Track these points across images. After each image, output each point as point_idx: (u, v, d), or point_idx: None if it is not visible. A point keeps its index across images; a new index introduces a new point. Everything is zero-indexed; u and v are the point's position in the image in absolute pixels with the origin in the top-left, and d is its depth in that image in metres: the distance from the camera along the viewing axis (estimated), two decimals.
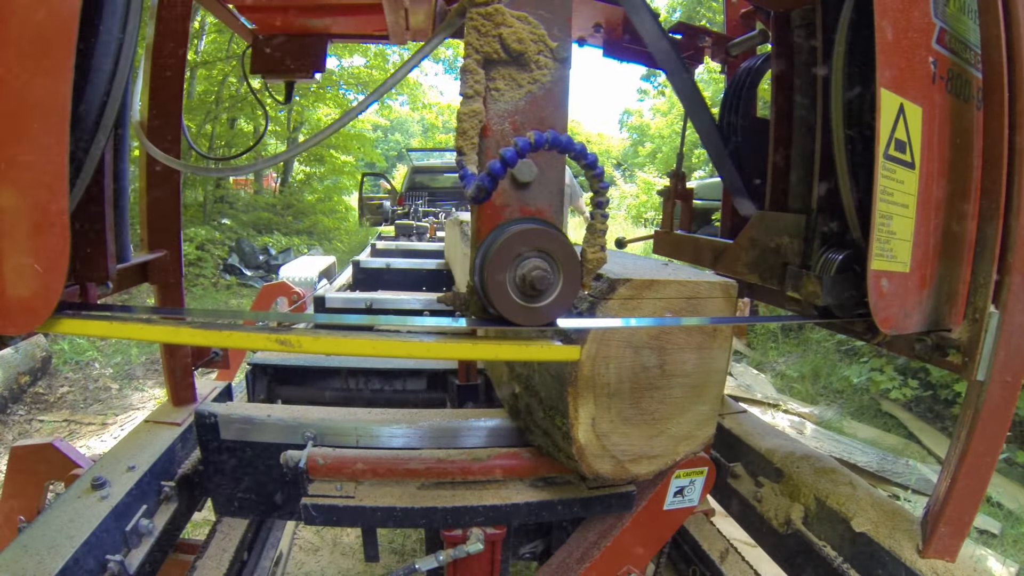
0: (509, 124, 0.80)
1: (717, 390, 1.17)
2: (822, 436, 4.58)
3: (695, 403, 1.15)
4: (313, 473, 1.20)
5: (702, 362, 1.13)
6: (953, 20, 0.94)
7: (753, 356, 6.86)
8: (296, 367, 2.01)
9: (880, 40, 0.84)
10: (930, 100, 0.92)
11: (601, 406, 1.07)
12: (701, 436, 1.19)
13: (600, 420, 1.07)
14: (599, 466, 1.09)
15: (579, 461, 1.08)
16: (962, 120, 0.96)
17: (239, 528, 1.52)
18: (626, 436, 1.10)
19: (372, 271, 3.60)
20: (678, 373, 1.11)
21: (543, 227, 0.79)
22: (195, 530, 2.82)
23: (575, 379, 1.03)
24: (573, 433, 1.06)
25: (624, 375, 1.07)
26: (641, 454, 1.13)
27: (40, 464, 1.51)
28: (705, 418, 1.18)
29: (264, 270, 11.07)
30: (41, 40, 0.61)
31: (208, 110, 13.38)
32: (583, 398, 1.05)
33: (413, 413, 1.40)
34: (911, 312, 0.97)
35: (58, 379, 5.94)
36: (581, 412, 1.05)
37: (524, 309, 0.79)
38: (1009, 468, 4.26)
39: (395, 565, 2.74)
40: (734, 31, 1.54)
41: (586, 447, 1.08)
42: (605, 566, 1.28)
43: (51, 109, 0.63)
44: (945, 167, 0.96)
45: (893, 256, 0.94)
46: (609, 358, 1.05)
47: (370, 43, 3.93)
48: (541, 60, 0.79)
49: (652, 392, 1.10)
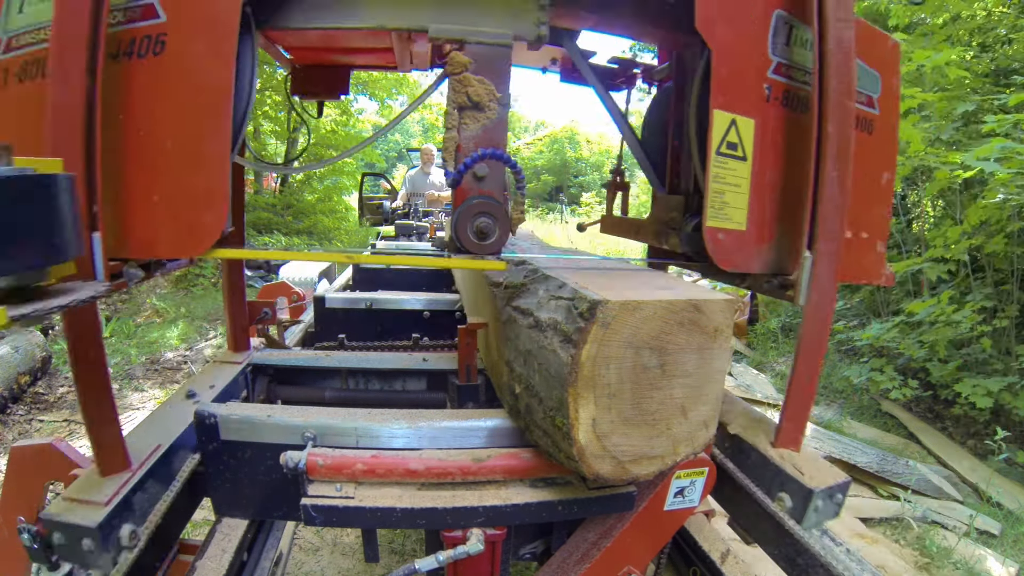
0: (472, 144, 1.32)
1: (717, 390, 1.17)
2: (822, 436, 4.58)
3: (696, 404, 1.15)
4: (313, 473, 1.20)
5: (703, 363, 1.13)
6: (793, 54, 1.34)
7: (753, 356, 6.86)
8: (296, 367, 2.00)
9: (715, 77, 1.26)
10: (763, 114, 1.32)
11: (601, 407, 1.06)
12: (702, 437, 1.19)
13: (600, 421, 1.07)
14: (599, 467, 1.09)
15: (579, 462, 1.08)
16: (796, 126, 1.34)
17: (239, 528, 1.52)
18: (626, 436, 1.10)
19: (372, 271, 3.60)
20: (679, 374, 1.11)
21: (489, 201, 1.32)
22: (195, 530, 2.82)
23: (575, 380, 1.03)
24: (573, 434, 1.06)
25: (625, 376, 1.07)
26: (641, 455, 1.13)
27: (40, 464, 1.51)
28: (706, 419, 1.18)
29: (264, 270, 11.06)
30: (214, 97, 1.14)
31: None
32: (583, 399, 1.05)
33: (413, 413, 1.40)
34: (750, 258, 1.36)
35: (58, 379, 5.94)
36: (581, 413, 1.05)
37: (478, 245, 1.32)
38: (1009, 468, 4.26)
39: (395, 565, 2.74)
40: (662, 61, 1.96)
41: (586, 448, 1.07)
42: (605, 566, 1.28)
43: (223, 128, 1.15)
44: (779, 159, 1.35)
45: (728, 218, 1.32)
46: (610, 359, 1.05)
47: (382, 71, 4.97)
48: (491, 105, 1.32)
49: (653, 393, 1.10)
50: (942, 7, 5.39)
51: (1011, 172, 3.81)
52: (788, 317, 7.50)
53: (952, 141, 4.91)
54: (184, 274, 10.04)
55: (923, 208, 6.68)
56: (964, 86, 5.17)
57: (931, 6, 5.40)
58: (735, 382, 5.78)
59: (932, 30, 5.59)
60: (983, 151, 3.79)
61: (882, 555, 3.17)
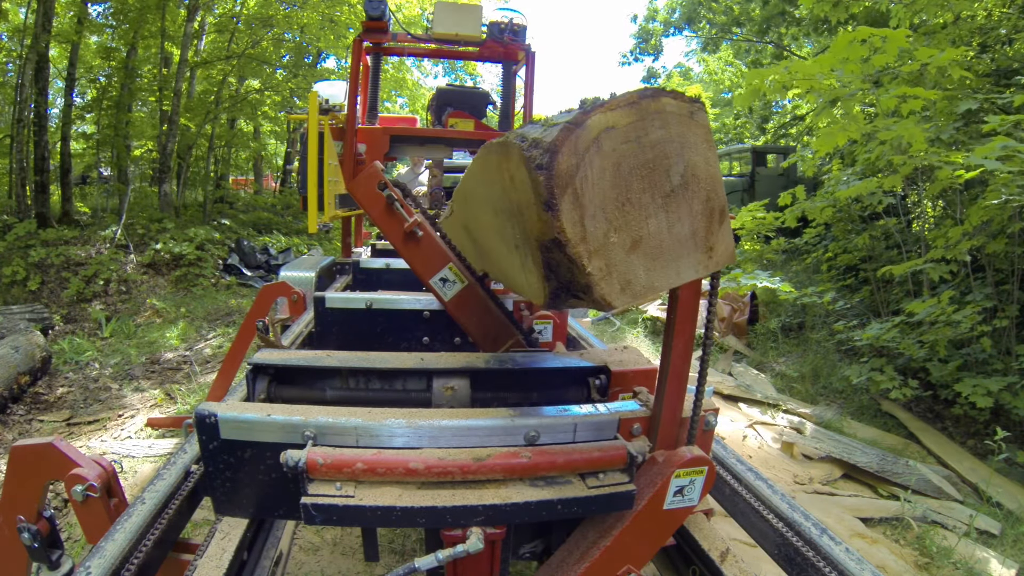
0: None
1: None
2: (822, 436, 4.58)
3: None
4: (313, 472, 1.20)
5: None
6: None
7: (753, 356, 6.85)
8: (296, 367, 2.00)
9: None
10: None
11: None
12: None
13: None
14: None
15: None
16: None
17: (239, 528, 1.52)
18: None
19: (372, 271, 3.60)
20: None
21: None
22: (195, 530, 2.82)
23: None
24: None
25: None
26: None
27: (40, 464, 1.51)
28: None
29: (264, 270, 11.07)
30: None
31: (208, 110, 13.38)
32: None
33: (413, 413, 1.40)
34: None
35: (58, 379, 5.94)
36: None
37: None
38: (1009, 468, 4.26)
39: (395, 565, 2.74)
40: None
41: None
42: (605, 566, 1.28)
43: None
44: None
45: None
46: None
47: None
48: None
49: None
50: (944, 6, 5.39)
51: (1012, 172, 3.81)
52: (788, 317, 7.50)
53: (952, 141, 4.91)
54: (184, 274, 10.05)
55: (923, 208, 6.68)
56: (966, 86, 5.17)
57: (933, 6, 5.41)
58: (735, 382, 5.78)
59: (934, 29, 5.59)
60: (984, 149, 3.79)
61: (882, 555, 3.17)
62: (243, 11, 13.55)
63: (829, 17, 7.60)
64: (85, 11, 12.07)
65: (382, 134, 4.46)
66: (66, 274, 9.29)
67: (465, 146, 5.37)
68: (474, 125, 4.73)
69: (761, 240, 8.99)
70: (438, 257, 2.18)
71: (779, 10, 13.79)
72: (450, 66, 20.16)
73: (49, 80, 11.44)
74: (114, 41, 13.01)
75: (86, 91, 14.22)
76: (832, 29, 10.81)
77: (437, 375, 1.77)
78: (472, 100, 5.27)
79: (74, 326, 8.22)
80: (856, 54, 4.24)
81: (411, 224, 2.14)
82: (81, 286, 9.05)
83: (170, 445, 4.25)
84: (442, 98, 5.27)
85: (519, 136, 1.09)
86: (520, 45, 4.52)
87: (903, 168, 4.78)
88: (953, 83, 5.06)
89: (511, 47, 4.56)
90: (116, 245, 10.11)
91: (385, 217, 2.16)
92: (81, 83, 13.72)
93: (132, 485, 3.64)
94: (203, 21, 13.41)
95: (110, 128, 12.98)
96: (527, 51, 4.55)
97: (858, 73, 4.54)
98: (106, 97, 12.91)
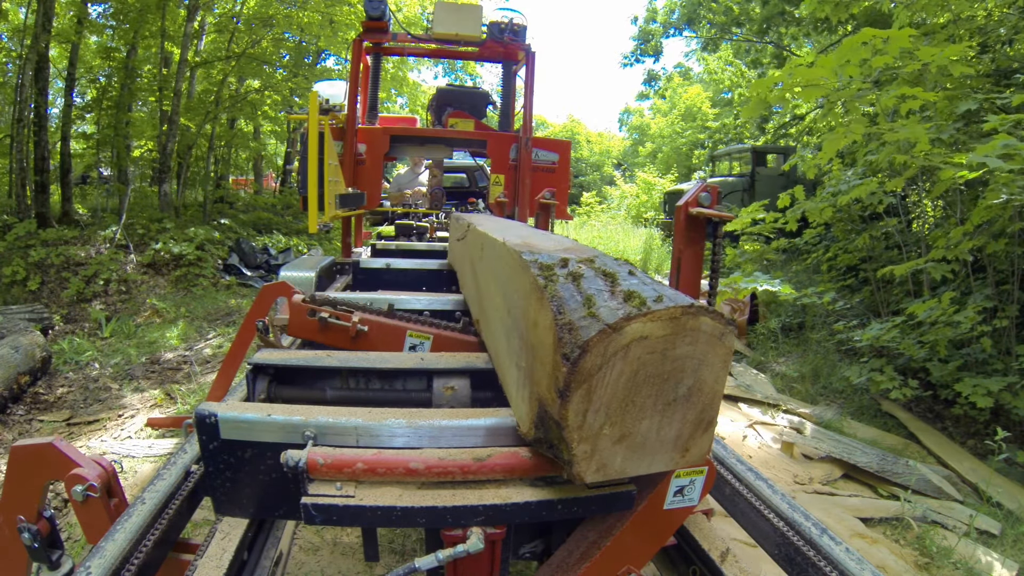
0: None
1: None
2: (822, 436, 4.57)
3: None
4: (313, 473, 1.20)
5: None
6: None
7: (753, 356, 6.85)
8: (296, 367, 2.00)
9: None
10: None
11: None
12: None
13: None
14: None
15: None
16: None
17: (239, 528, 1.52)
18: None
19: (372, 271, 3.60)
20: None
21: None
22: (195, 530, 2.82)
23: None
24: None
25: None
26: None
27: (40, 464, 1.51)
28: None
29: (264, 270, 11.06)
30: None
31: (208, 110, 13.38)
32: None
33: (413, 413, 1.40)
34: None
35: (58, 379, 5.94)
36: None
37: None
38: (1009, 468, 4.26)
39: (395, 565, 2.74)
40: None
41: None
42: (605, 566, 1.28)
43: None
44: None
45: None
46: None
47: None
48: None
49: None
50: (944, 6, 5.39)
51: (1012, 171, 3.81)
52: (788, 317, 7.49)
53: (952, 141, 4.91)
54: (184, 274, 10.04)
55: (923, 208, 6.68)
56: (966, 85, 5.17)
57: (933, 6, 5.41)
58: (735, 382, 5.78)
59: (934, 29, 5.59)
60: (986, 148, 3.79)
61: (882, 555, 3.17)
62: (243, 11, 13.55)
63: (830, 17, 7.59)
64: (85, 11, 12.06)
65: (382, 134, 4.49)
66: (66, 274, 9.29)
67: (465, 146, 5.39)
68: (474, 125, 4.74)
69: (761, 241, 8.99)
70: (393, 336, 2.16)
71: (779, 10, 13.79)
72: (450, 66, 20.16)
73: (49, 80, 11.43)
74: (114, 41, 12.99)
75: (86, 91, 14.21)
76: (832, 29, 10.81)
77: (437, 375, 1.77)
78: (472, 100, 5.28)
79: (74, 326, 8.22)
80: (857, 56, 4.24)
81: (353, 327, 2.13)
82: (81, 286, 9.05)
83: (170, 445, 4.25)
84: (442, 98, 5.28)
85: (551, 267, 1.23)
86: (520, 45, 4.53)
87: (908, 170, 4.79)
88: (954, 82, 5.05)
89: (511, 47, 4.57)
90: (116, 245, 10.11)
91: (330, 335, 2.16)
92: (81, 83, 13.71)
93: (132, 485, 3.64)
94: (203, 21, 13.42)
95: (110, 128, 12.97)
96: (527, 51, 4.56)
97: (858, 75, 4.54)
98: (106, 97, 12.91)
